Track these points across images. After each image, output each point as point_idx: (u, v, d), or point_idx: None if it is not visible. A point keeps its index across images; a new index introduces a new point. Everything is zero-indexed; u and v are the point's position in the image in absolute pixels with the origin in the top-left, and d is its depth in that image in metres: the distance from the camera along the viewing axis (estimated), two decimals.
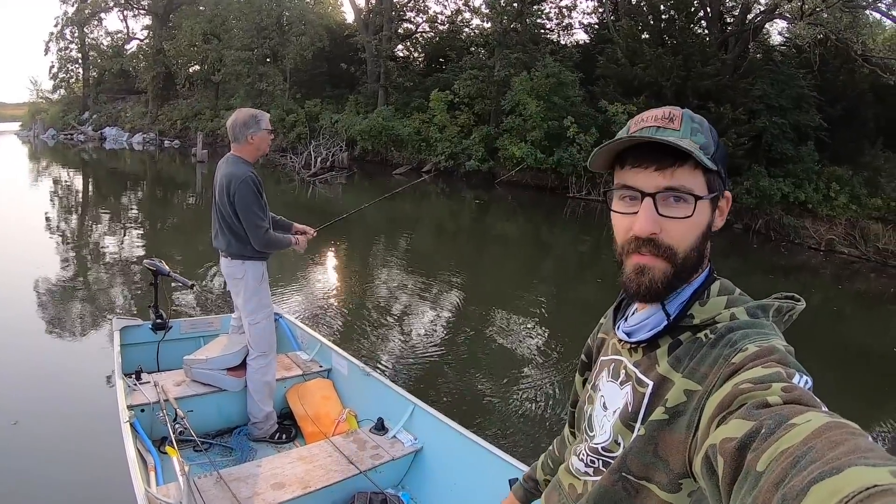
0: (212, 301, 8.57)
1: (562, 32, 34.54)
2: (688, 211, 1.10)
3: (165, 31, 38.51)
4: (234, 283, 4.32)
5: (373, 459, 3.82)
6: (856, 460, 0.61)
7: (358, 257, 12.79)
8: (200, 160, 28.52)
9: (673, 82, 24.01)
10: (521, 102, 25.26)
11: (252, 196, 4.02)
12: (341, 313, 8.76)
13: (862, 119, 23.46)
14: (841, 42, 23.05)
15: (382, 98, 31.65)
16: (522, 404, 6.33)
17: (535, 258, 15.53)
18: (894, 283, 17.57)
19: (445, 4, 37.21)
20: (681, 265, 1.12)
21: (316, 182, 24.68)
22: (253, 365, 4.39)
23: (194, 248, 11.97)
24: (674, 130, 1.09)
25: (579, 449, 1.34)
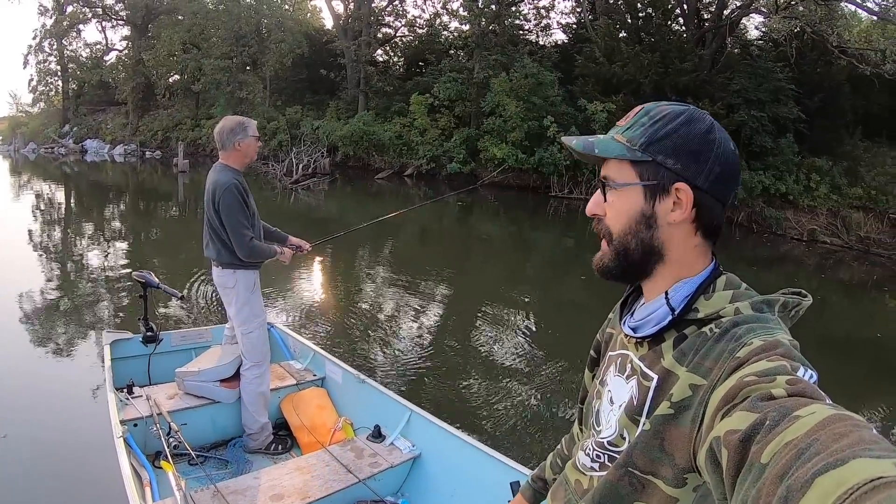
0: (202, 312, 8.47)
1: (540, 33, 34.68)
2: (606, 197, 1.19)
3: (144, 42, 38.24)
4: (226, 293, 4.27)
5: (371, 467, 3.79)
6: (860, 452, 0.61)
7: (344, 263, 12.71)
8: (182, 170, 28.41)
9: (651, 79, 24.19)
10: (501, 103, 25.34)
11: (236, 204, 3.97)
12: (330, 321, 8.68)
13: (840, 110, 23.68)
14: (817, 35, 23.23)
15: (363, 103, 31.60)
16: (517, 405, 6.30)
17: (520, 258, 15.63)
18: (877, 270, 18.12)
19: (424, 8, 37.18)
20: (616, 247, 1.19)
21: (298, 189, 24.62)
22: (247, 375, 4.33)
23: (180, 259, 11.87)
24: (620, 126, 1.18)
25: (586, 444, 1.34)
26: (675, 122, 1.13)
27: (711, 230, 1.17)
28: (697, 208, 1.13)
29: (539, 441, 5.59)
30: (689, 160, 1.11)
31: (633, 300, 1.35)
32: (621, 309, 1.37)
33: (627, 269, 1.20)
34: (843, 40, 23.17)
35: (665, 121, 1.13)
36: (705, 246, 1.18)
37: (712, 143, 1.12)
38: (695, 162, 1.11)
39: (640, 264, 1.19)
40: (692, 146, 1.12)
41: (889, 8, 23.22)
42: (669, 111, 1.14)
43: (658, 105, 1.17)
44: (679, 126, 1.12)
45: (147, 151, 36.94)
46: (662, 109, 1.15)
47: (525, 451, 5.25)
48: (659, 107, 1.16)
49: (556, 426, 5.92)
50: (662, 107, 1.16)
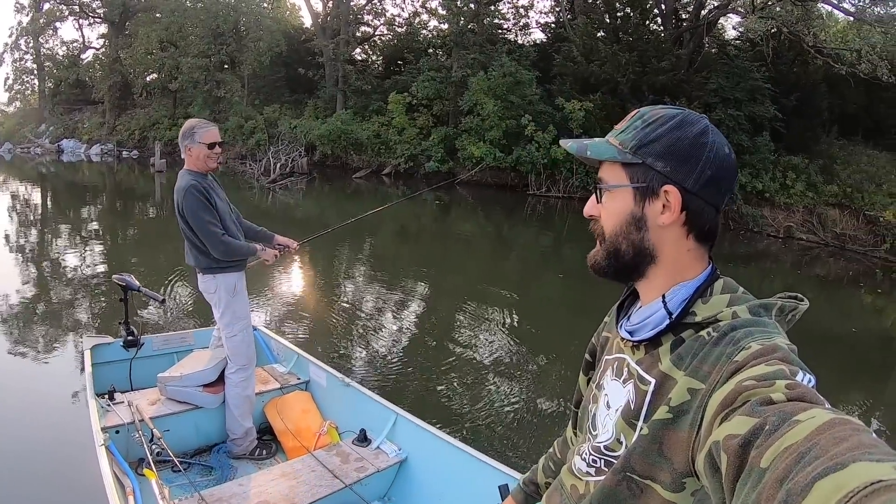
0: (184, 315, 8.33)
1: (519, 32, 34.68)
2: (600, 199, 1.22)
3: (122, 40, 37.64)
4: (209, 298, 4.24)
5: (357, 472, 3.76)
6: (860, 456, 0.61)
7: (324, 264, 12.57)
8: (159, 170, 28.06)
9: (628, 78, 24.27)
10: (479, 102, 25.33)
11: (198, 203, 3.92)
12: (312, 323, 8.60)
13: (816, 109, 23.90)
14: (793, 35, 23.46)
15: (341, 102, 31.40)
16: (501, 404, 6.28)
17: (498, 256, 15.59)
18: (853, 266, 18.40)
19: (403, 7, 37.08)
20: (607, 247, 1.21)
21: (276, 188, 24.43)
22: (233, 379, 4.29)
23: (158, 261, 11.66)
24: (617, 130, 1.21)
25: (582, 448, 1.34)
26: (666, 126, 1.14)
27: (705, 234, 1.18)
28: (687, 211, 1.14)
29: (525, 441, 5.57)
30: (679, 163, 1.13)
31: (630, 303, 1.36)
32: (618, 312, 1.37)
33: (620, 269, 1.22)
34: (818, 40, 23.43)
35: (656, 124, 1.15)
36: (700, 250, 1.19)
37: (703, 147, 1.13)
38: (684, 164, 1.12)
39: (631, 265, 1.21)
40: (682, 149, 1.13)
41: (864, 8, 23.47)
42: (663, 114, 1.16)
43: (653, 109, 1.19)
44: (670, 129, 1.14)
45: (124, 151, 36.30)
46: (656, 113, 1.17)
47: (512, 452, 5.25)
48: (654, 110, 1.18)
49: (541, 425, 5.93)
50: (657, 110, 1.18)
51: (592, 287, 11.85)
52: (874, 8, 23.35)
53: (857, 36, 23.40)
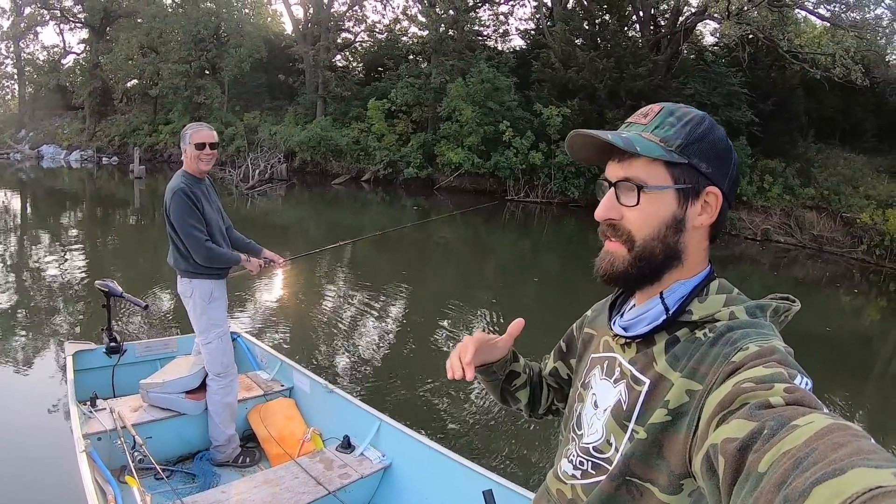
0: (167, 322, 8.17)
1: (499, 39, 34.67)
2: (632, 199, 1.12)
3: (103, 45, 37.06)
4: (185, 302, 4.16)
5: (341, 479, 3.71)
6: (859, 462, 0.61)
7: (305, 270, 12.28)
8: (138, 176, 27.42)
9: (606, 84, 24.35)
10: (457, 108, 25.31)
11: (184, 207, 3.86)
12: (294, 329, 8.51)
13: (793, 113, 24.21)
14: (769, 40, 23.67)
15: (321, 108, 31.05)
16: (483, 409, 6.26)
17: (477, 262, 15.56)
18: (830, 267, 18.83)
19: (383, 13, 37.00)
20: (639, 252, 1.14)
21: (255, 195, 24.03)
22: (212, 386, 4.21)
23: (139, 268, 11.40)
24: (641, 124, 1.15)
25: (569, 450, 1.31)
26: (704, 125, 1.13)
27: (717, 233, 1.19)
28: (719, 212, 1.14)
29: (508, 446, 5.55)
30: (718, 165, 1.13)
31: (623, 301, 1.33)
32: (610, 311, 1.34)
33: (645, 275, 1.17)
34: (793, 45, 23.60)
35: (694, 123, 1.13)
36: (708, 249, 1.20)
37: (731, 149, 1.16)
38: (722, 166, 1.14)
39: (659, 270, 1.16)
40: (720, 151, 1.14)
41: (839, 14, 23.69)
42: (694, 113, 1.15)
43: (678, 106, 1.16)
44: (708, 129, 1.13)
45: (104, 157, 35.70)
46: (687, 111, 1.15)
47: (496, 457, 5.26)
48: (681, 108, 1.16)
49: (523, 429, 5.89)
50: (684, 108, 1.16)
51: (567, 290, 12.42)
52: (849, 13, 23.52)
53: (832, 41, 23.59)
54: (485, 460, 4.89)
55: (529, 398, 1.61)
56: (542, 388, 1.61)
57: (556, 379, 1.60)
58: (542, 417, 1.67)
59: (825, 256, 20.11)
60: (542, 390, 1.61)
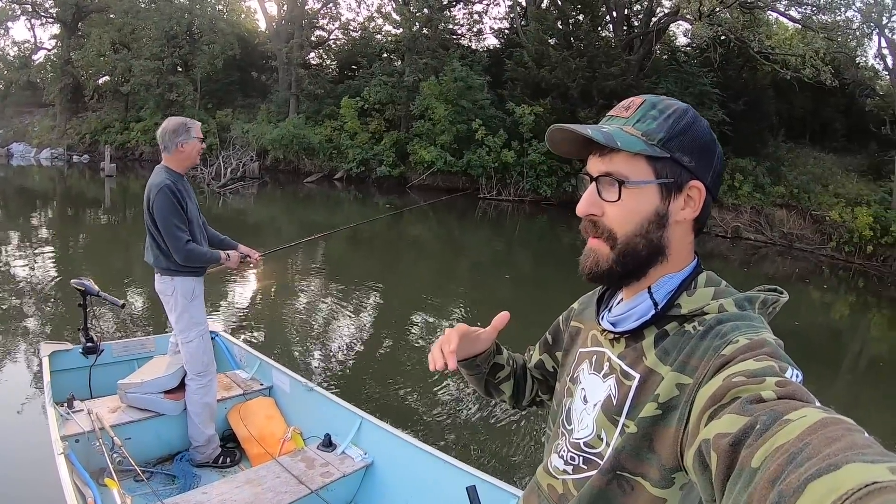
0: (144, 321, 8.02)
1: (473, 38, 34.55)
2: (613, 195, 1.11)
3: (74, 41, 36.16)
4: (165, 300, 4.08)
5: (323, 478, 3.69)
6: (853, 457, 0.60)
7: (279, 269, 12.13)
8: (109, 174, 26.85)
9: (578, 83, 24.42)
10: (430, 107, 25.23)
11: (169, 205, 3.79)
12: (271, 328, 8.38)
13: (764, 113, 24.55)
14: (740, 41, 23.94)
15: (294, 106, 30.77)
16: (465, 407, 6.26)
17: (450, 260, 15.56)
18: (800, 264, 19.13)
19: (358, 11, 36.77)
20: (622, 249, 1.13)
21: (226, 193, 23.67)
22: (191, 386, 4.15)
23: (112, 267, 11.11)
24: (622, 118, 1.12)
25: (559, 445, 1.28)
26: (686, 118, 1.11)
27: (702, 226, 1.17)
28: (703, 206, 1.13)
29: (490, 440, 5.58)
30: (701, 158, 1.12)
31: (610, 296, 1.32)
32: (598, 305, 1.33)
33: (629, 272, 1.15)
34: (764, 46, 23.98)
35: (677, 115, 1.11)
36: (693, 243, 1.18)
37: (715, 142, 1.14)
38: (705, 160, 1.12)
39: (643, 266, 1.15)
40: (703, 144, 1.12)
41: (810, 16, 23.96)
42: (677, 105, 1.12)
43: (660, 98, 1.14)
44: (691, 122, 1.11)
45: (74, 156, 34.98)
46: (669, 103, 1.13)
47: (478, 453, 5.30)
48: (664, 100, 1.13)
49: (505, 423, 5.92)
50: (667, 100, 1.14)
51: (540, 287, 12.49)
52: (820, 16, 23.77)
53: (802, 42, 24.01)
54: (467, 457, 4.90)
55: (513, 390, 1.58)
56: (526, 379, 1.59)
57: (541, 371, 1.58)
58: (526, 409, 1.66)
59: (795, 253, 20.42)
60: (525, 382, 1.59)
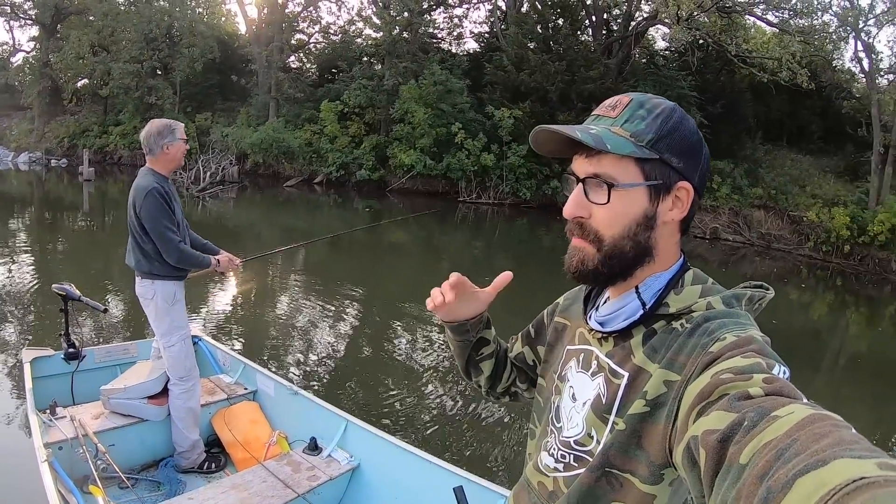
0: (126, 326, 7.90)
1: (453, 42, 34.63)
2: (602, 197, 1.09)
3: (53, 43, 35.74)
4: (146, 304, 4.02)
5: (309, 481, 3.65)
6: (841, 452, 0.60)
7: (260, 273, 12.06)
8: (87, 179, 26.53)
9: (557, 87, 24.51)
10: (410, 110, 25.19)
11: (158, 207, 3.76)
12: (250, 334, 8.30)
13: (741, 116, 24.86)
14: (717, 44, 24.12)
15: (273, 110, 30.53)
16: (450, 407, 6.26)
17: (430, 263, 15.43)
18: (778, 264, 19.39)
19: (338, 15, 36.63)
20: (608, 251, 1.11)
21: (206, 197, 23.52)
22: (174, 391, 4.09)
23: (90, 273, 10.92)
24: (609, 118, 1.10)
25: (549, 443, 1.28)
26: (674, 118, 1.09)
27: (688, 226, 1.16)
28: (690, 206, 1.12)
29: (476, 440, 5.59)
30: (689, 158, 1.10)
31: (598, 294, 1.31)
32: (584, 303, 1.32)
33: (616, 273, 1.14)
34: (741, 50, 24.03)
35: (665, 115, 1.09)
36: (680, 242, 1.17)
37: (702, 141, 1.13)
38: (693, 160, 1.11)
39: (630, 267, 1.14)
40: (691, 144, 1.10)
41: (787, 20, 24.23)
42: (665, 105, 1.11)
43: (648, 97, 1.12)
44: (679, 122, 1.10)
45: (53, 160, 34.53)
46: (657, 102, 1.11)
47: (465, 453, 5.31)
48: (651, 99, 1.12)
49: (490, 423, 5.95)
50: (654, 99, 1.12)
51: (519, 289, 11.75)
52: (797, 20, 23.98)
53: (779, 45, 24.12)
54: (454, 457, 4.89)
55: (492, 371, 1.57)
56: (506, 365, 1.59)
57: (521, 363, 1.56)
58: (499, 399, 1.65)
59: (773, 253, 20.66)
60: (504, 368, 1.59)
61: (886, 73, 23.66)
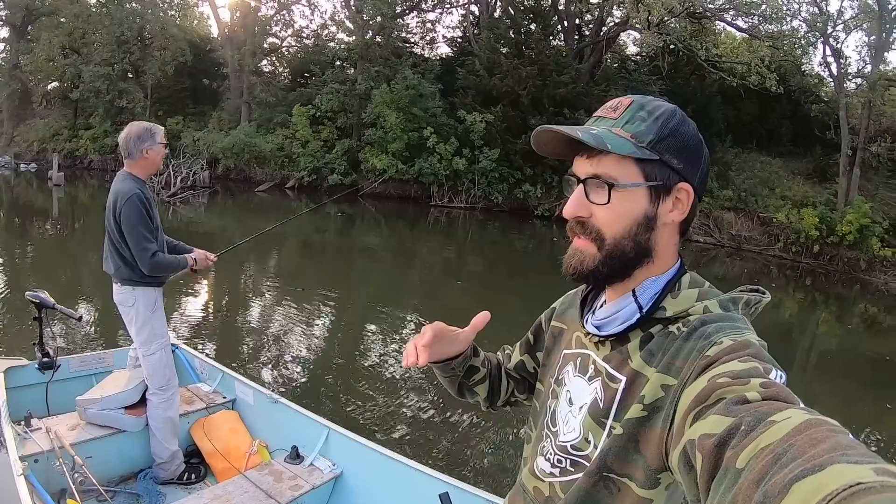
0: (102, 334, 7.67)
1: (426, 46, 34.51)
2: (602, 198, 1.08)
3: (23, 45, 35.13)
4: (125, 311, 3.92)
5: (292, 491, 3.57)
6: (838, 457, 0.60)
7: (231, 280, 11.89)
8: (57, 183, 25.88)
9: (529, 91, 24.46)
10: (382, 115, 25.06)
11: (138, 215, 3.65)
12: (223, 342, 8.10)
13: (711, 119, 24.93)
14: (687, 49, 24.38)
15: (245, 114, 30.21)
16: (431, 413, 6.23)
17: (403, 267, 15.38)
18: (748, 265, 19.62)
19: (311, 19, 36.37)
20: (609, 251, 1.11)
21: (176, 202, 23.09)
22: (153, 400, 3.97)
23: (61, 279, 10.72)
24: (611, 119, 1.10)
25: (545, 448, 1.26)
26: (675, 119, 1.10)
27: (688, 228, 1.16)
28: (690, 207, 1.12)
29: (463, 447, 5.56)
30: (689, 160, 1.10)
31: (594, 297, 1.30)
32: (581, 307, 1.30)
33: (615, 273, 1.14)
34: (710, 55, 24.38)
35: (665, 117, 1.09)
36: (678, 244, 1.17)
37: (702, 143, 1.13)
38: (693, 161, 1.11)
39: (629, 267, 1.13)
40: (692, 145, 1.10)
41: (756, 25, 24.56)
42: (665, 107, 1.11)
43: (648, 98, 1.12)
44: (680, 123, 1.10)
45: (22, 164, 33.80)
46: (658, 104, 1.11)
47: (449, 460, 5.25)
48: (652, 101, 1.12)
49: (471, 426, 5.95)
50: (655, 101, 1.12)
51: (491, 292, 12.41)
52: (766, 25, 24.29)
53: (748, 50, 24.48)
54: (438, 463, 4.92)
55: (488, 392, 1.54)
56: (502, 380, 1.56)
57: (521, 372, 1.54)
58: (499, 409, 1.62)
59: (743, 254, 20.94)
60: (501, 383, 1.55)
61: (854, 77, 23.98)
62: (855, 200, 20.48)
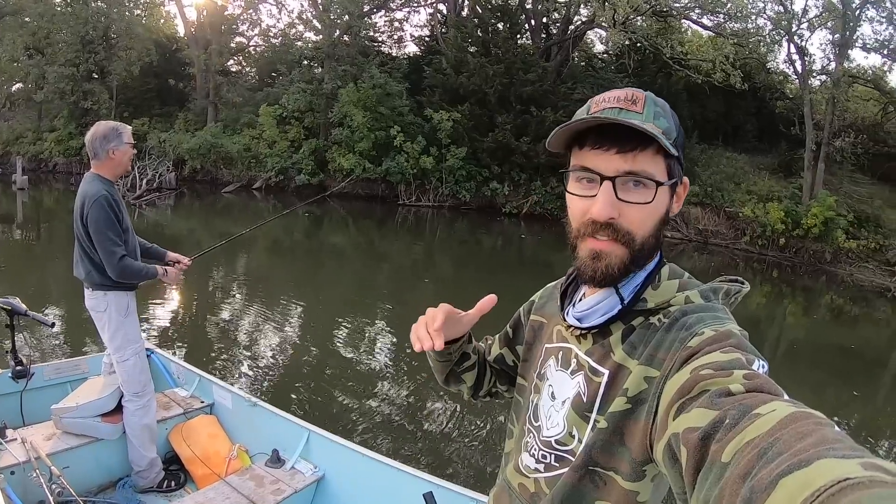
0: (75, 341, 7.51)
1: (394, 45, 34.25)
2: (648, 196, 1.05)
3: None
4: (98, 317, 3.85)
5: (274, 495, 3.56)
6: (824, 452, 0.60)
7: (201, 284, 11.65)
8: (21, 187, 25.04)
9: (496, 89, 24.37)
10: (349, 114, 24.74)
11: (105, 218, 3.56)
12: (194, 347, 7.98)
13: (678, 115, 24.37)
14: (654, 47, 24.66)
15: (212, 114, 29.62)
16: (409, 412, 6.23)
17: (371, 267, 15.31)
18: (716, 259, 19.85)
19: (279, 18, 35.96)
20: (638, 251, 1.08)
21: (142, 205, 22.53)
22: (129, 407, 3.91)
23: (30, 285, 10.39)
24: (637, 113, 1.04)
25: (529, 444, 1.25)
26: (674, 114, 1.09)
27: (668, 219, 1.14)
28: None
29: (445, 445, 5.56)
30: (683, 154, 1.11)
31: (574, 290, 1.29)
32: (561, 300, 1.28)
33: (631, 271, 1.11)
34: (676, 53, 24.54)
35: (672, 113, 1.09)
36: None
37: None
38: (683, 156, 1.11)
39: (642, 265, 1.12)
40: (683, 141, 1.11)
41: (722, 24, 24.78)
42: (664, 102, 1.10)
43: (646, 92, 1.08)
44: (677, 118, 1.09)
45: None
46: (661, 100, 1.09)
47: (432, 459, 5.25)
48: (650, 94, 1.09)
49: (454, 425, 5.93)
50: (651, 94, 1.09)
51: (459, 289, 12.52)
52: (731, 24, 24.46)
53: (713, 48, 24.68)
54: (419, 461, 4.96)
55: (475, 380, 1.53)
56: (486, 370, 1.54)
57: (500, 364, 1.53)
58: (481, 399, 1.61)
59: (711, 248, 21.24)
60: (485, 373, 1.54)
61: (818, 74, 24.26)
62: (820, 194, 20.73)
